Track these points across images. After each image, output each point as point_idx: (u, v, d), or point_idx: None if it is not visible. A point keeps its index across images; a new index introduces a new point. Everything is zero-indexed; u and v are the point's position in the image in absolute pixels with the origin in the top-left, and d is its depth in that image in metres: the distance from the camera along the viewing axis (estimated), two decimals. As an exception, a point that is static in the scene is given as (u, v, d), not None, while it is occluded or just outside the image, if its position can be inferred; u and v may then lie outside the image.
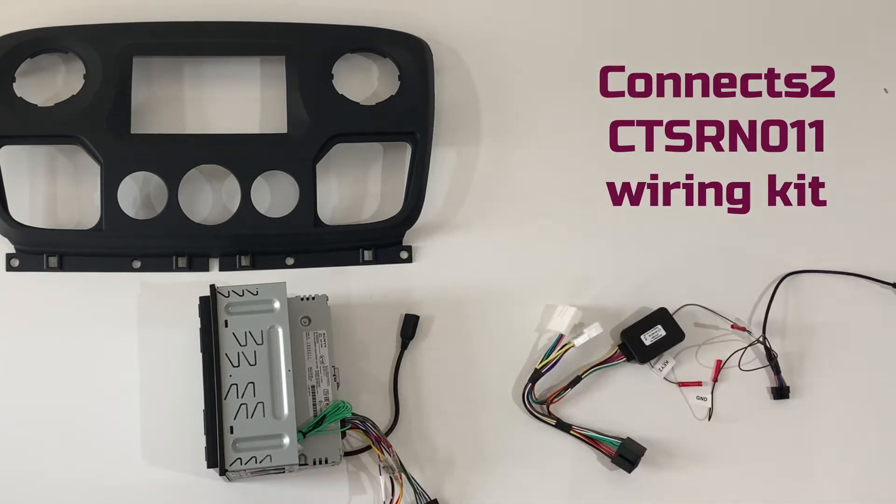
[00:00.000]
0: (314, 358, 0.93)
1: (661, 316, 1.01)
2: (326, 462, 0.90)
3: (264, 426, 0.88)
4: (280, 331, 0.91)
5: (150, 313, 0.97)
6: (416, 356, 1.00)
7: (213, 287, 0.91)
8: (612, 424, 0.99)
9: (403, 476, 0.93)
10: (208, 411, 0.89)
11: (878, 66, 1.13)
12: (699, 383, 1.01)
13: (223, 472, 0.87)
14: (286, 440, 0.88)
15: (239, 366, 0.90)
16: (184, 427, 0.94)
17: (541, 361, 0.99)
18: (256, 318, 0.91)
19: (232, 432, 0.88)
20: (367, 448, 0.95)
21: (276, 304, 0.92)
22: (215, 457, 0.87)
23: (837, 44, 1.14)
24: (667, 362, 1.01)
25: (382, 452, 0.93)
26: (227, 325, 0.90)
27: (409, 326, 1.00)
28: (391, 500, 0.92)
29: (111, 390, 0.96)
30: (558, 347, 0.99)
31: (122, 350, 0.97)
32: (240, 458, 0.87)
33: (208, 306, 0.91)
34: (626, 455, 0.96)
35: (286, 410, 0.89)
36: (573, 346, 0.98)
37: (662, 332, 1.00)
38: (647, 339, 0.99)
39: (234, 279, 0.94)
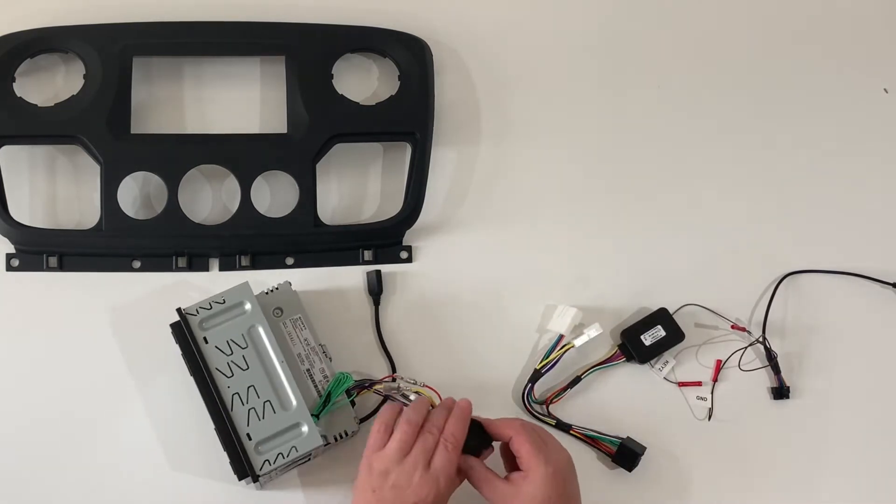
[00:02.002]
0: (299, 343, 0.93)
1: (662, 316, 1.01)
2: (347, 435, 0.91)
3: (279, 421, 0.88)
4: (260, 328, 0.91)
5: (150, 313, 0.97)
6: (417, 350, 1.00)
7: (180, 311, 0.91)
8: (612, 424, 0.99)
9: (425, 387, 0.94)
10: (220, 428, 0.88)
11: (878, 66, 1.14)
12: (699, 383, 1.01)
13: (256, 479, 0.87)
14: (304, 427, 0.88)
15: (233, 375, 0.89)
16: (186, 426, 0.94)
17: (540, 361, 0.99)
18: (232, 324, 0.91)
19: (250, 438, 0.88)
20: (384, 401, 0.96)
21: (247, 305, 0.92)
22: (243, 468, 0.87)
23: (837, 44, 1.14)
24: (667, 362, 1.01)
25: (394, 381, 0.94)
26: (206, 342, 0.90)
27: (374, 282, 1.00)
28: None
29: (111, 391, 0.96)
30: (558, 348, 0.99)
31: (123, 350, 0.97)
32: (267, 460, 0.87)
33: (182, 331, 0.90)
34: (626, 454, 0.96)
35: (293, 400, 0.89)
36: (573, 346, 0.98)
37: (662, 333, 1.00)
38: (647, 339, 0.99)
39: (233, 279, 0.94)
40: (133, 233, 0.98)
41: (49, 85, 1.03)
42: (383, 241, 1.02)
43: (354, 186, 1.05)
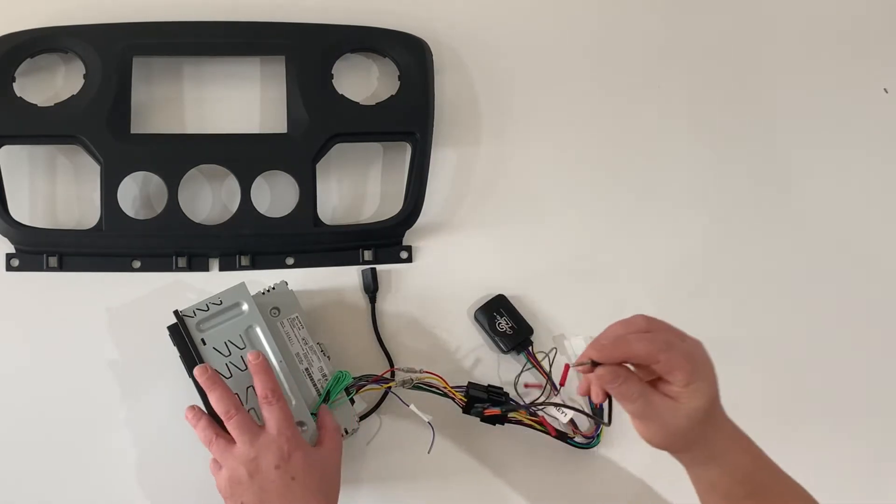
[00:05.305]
0: (297, 342, 0.94)
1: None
2: (347, 433, 0.91)
3: None
4: (258, 328, 0.91)
5: (150, 313, 0.97)
6: (416, 349, 1.00)
7: (177, 313, 0.91)
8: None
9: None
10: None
11: (878, 66, 1.14)
12: None
13: None
14: (305, 427, 0.88)
15: (231, 376, 0.89)
16: (186, 426, 0.93)
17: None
18: (230, 325, 0.91)
19: None
20: (385, 397, 0.96)
21: (244, 306, 0.92)
22: None
23: (837, 44, 1.14)
24: None
25: (392, 378, 0.94)
26: (204, 343, 0.90)
27: (369, 280, 1.00)
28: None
29: (111, 391, 0.96)
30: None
31: (123, 350, 0.97)
32: None
33: (180, 333, 0.90)
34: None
35: (293, 399, 0.89)
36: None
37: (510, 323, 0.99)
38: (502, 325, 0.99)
39: (233, 279, 0.94)
40: (133, 233, 0.98)
41: (49, 85, 1.03)
42: (383, 241, 1.02)
43: (354, 186, 1.05)
